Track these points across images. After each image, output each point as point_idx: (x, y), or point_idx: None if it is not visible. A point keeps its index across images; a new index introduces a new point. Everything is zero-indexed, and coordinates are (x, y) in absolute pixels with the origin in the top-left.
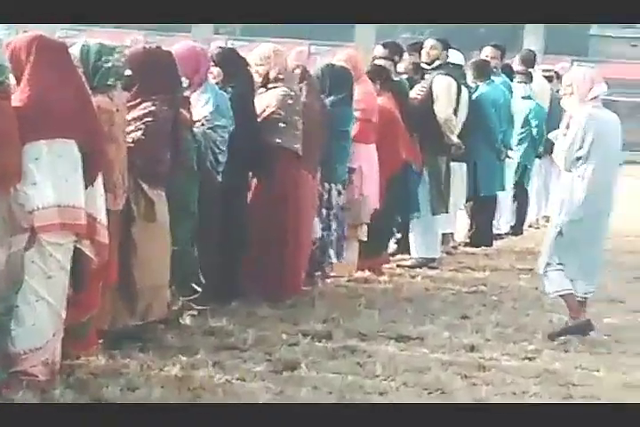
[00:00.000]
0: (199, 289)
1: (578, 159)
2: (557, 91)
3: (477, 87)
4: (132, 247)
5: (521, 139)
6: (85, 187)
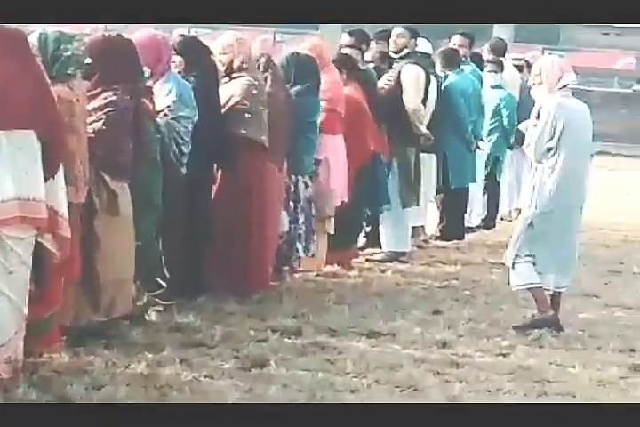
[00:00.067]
0: (164, 284)
1: (548, 150)
2: (527, 80)
3: (446, 76)
4: (95, 241)
5: (492, 129)
6: (46, 179)
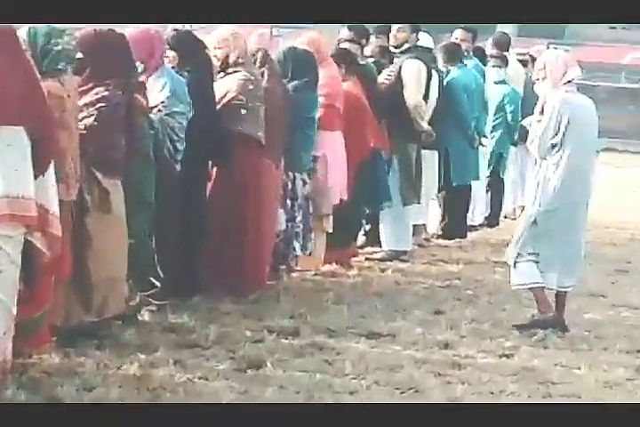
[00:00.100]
0: (158, 283)
1: (552, 146)
2: (532, 75)
3: (448, 71)
4: (87, 239)
5: (495, 125)
6: (36, 176)
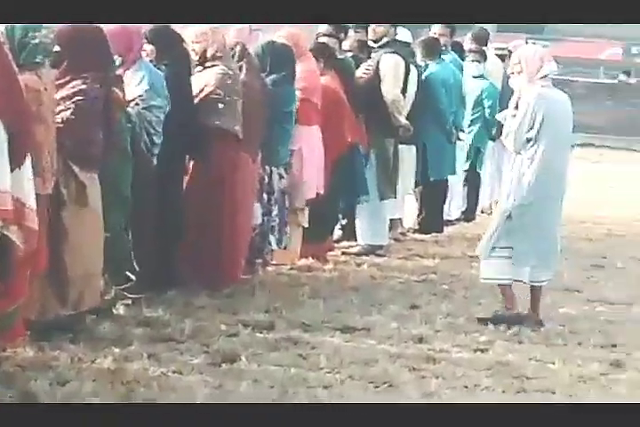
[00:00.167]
0: (133, 277)
1: (527, 141)
2: None
3: (427, 66)
4: (63, 233)
5: (473, 120)
6: (12, 170)
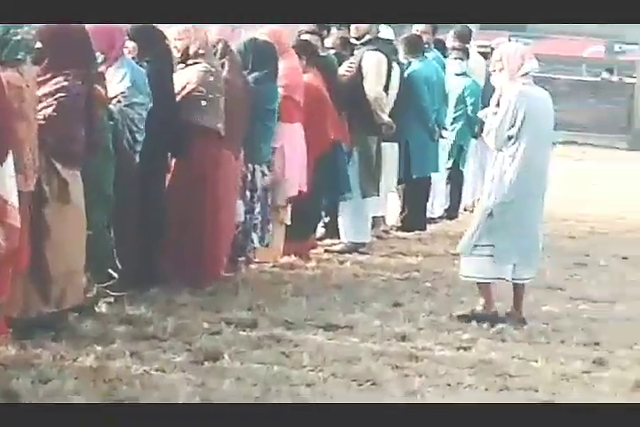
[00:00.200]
0: (115, 275)
1: (509, 138)
2: None
3: (409, 64)
4: (45, 230)
5: (455, 118)
6: None
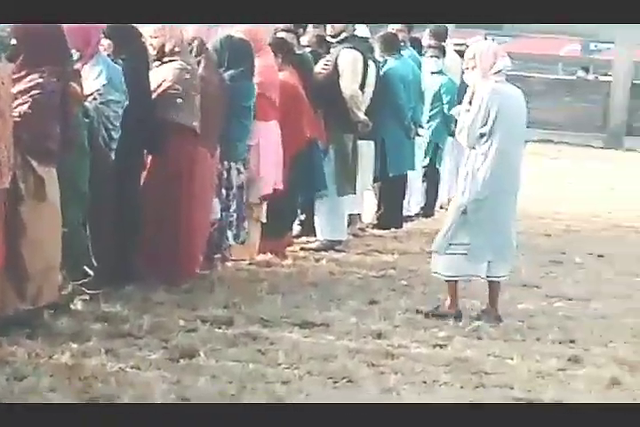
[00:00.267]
0: (91, 272)
1: (481, 136)
2: None
3: (385, 62)
4: (21, 227)
5: (432, 116)
6: None
